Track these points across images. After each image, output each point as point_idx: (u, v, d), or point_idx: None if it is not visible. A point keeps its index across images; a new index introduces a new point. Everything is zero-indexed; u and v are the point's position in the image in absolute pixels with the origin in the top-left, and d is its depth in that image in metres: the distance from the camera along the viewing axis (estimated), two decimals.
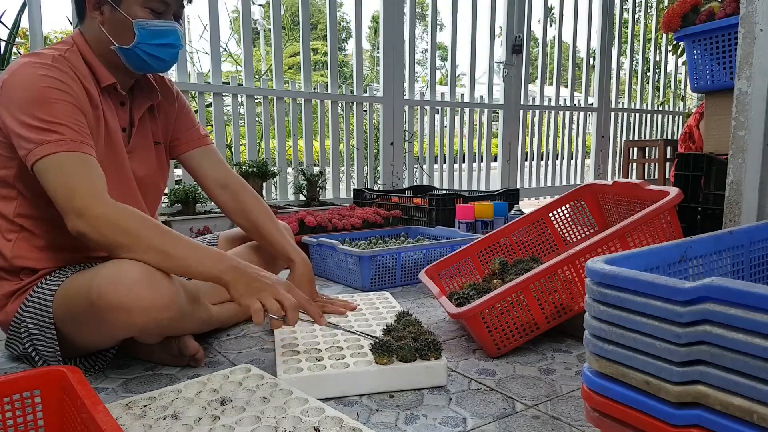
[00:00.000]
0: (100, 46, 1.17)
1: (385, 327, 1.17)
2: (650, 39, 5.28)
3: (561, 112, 4.67)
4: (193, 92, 2.84)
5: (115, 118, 1.21)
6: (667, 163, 4.30)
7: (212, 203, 2.85)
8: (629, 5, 5.10)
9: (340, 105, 3.41)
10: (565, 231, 1.68)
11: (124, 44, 1.15)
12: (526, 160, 4.55)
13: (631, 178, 4.77)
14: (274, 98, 3.10)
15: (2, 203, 1.14)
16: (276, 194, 3.14)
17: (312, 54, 3.26)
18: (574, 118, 4.84)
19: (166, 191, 2.27)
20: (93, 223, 1.01)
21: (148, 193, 1.32)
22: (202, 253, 1.07)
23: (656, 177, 4.62)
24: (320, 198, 3.09)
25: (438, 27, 3.89)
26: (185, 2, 1.22)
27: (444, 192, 3.15)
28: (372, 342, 1.06)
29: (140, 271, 1.02)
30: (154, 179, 1.33)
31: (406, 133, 3.66)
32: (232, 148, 3.44)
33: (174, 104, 1.38)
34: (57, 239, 1.16)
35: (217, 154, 1.44)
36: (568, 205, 1.68)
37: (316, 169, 3.17)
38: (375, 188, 3.48)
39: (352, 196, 3.25)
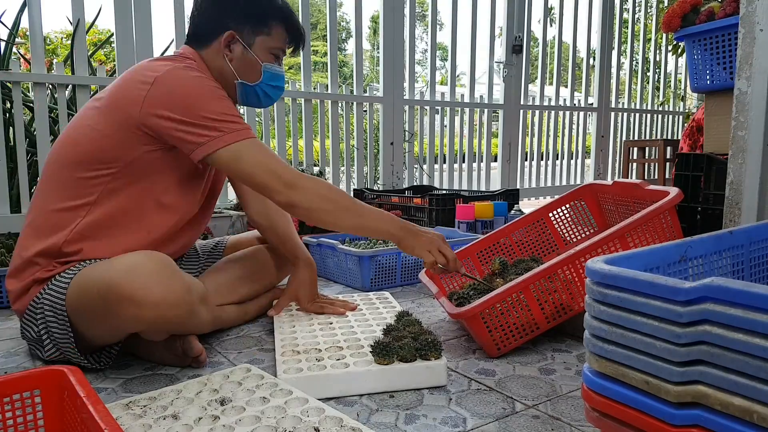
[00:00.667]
0: (219, 76, 1.28)
1: (385, 327, 1.17)
2: (650, 39, 5.28)
3: (561, 112, 4.67)
4: None
5: None
6: (667, 163, 4.30)
7: None
8: (629, 5, 5.10)
9: (340, 105, 3.41)
10: (565, 231, 1.68)
11: (249, 81, 1.30)
12: (526, 160, 4.54)
13: (631, 178, 4.77)
14: None
15: (88, 183, 1.15)
16: None
17: (312, 54, 3.26)
18: (574, 118, 4.84)
19: None
20: (304, 193, 1.16)
21: (207, 211, 1.40)
22: (380, 214, 1.26)
23: (656, 177, 4.62)
24: None
25: (438, 27, 3.89)
26: (291, 53, 1.39)
27: (444, 192, 3.15)
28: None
29: (154, 267, 1.04)
30: (215, 200, 1.44)
31: (406, 133, 3.66)
32: None
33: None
34: (116, 232, 1.18)
35: None
36: (568, 205, 1.68)
37: (316, 169, 3.17)
38: (375, 188, 3.48)
39: (352, 196, 3.25)
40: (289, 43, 1.34)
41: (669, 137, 5.50)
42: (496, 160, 4.38)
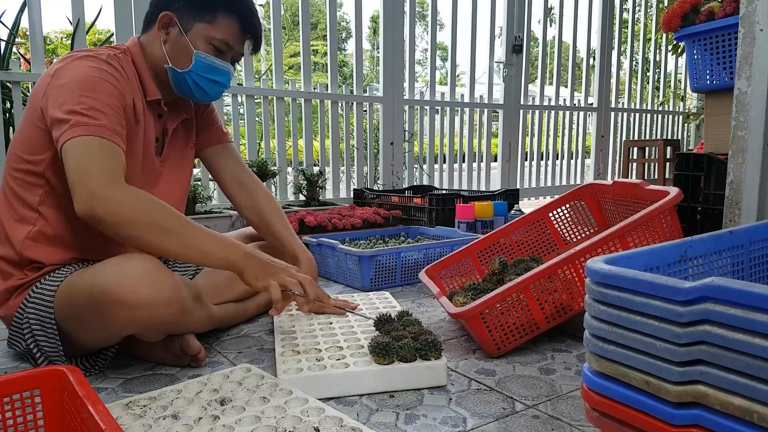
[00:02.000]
0: (154, 59, 1.22)
1: (378, 316, 1.19)
2: (650, 39, 5.28)
3: (561, 112, 4.67)
4: None
5: (152, 129, 1.25)
6: (667, 163, 4.30)
7: (212, 204, 2.86)
8: (629, 5, 5.10)
9: (340, 105, 3.41)
10: (565, 231, 1.68)
11: (178, 68, 1.21)
12: (526, 160, 4.54)
13: (631, 178, 4.77)
14: (274, 98, 3.10)
15: (28, 191, 1.14)
16: (276, 194, 3.14)
17: (312, 54, 3.26)
18: (574, 118, 4.85)
19: None
20: (110, 205, 0.99)
21: (173, 201, 1.33)
22: (215, 240, 1.08)
23: (656, 177, 4.62)
24: (320, 198, 3.09)
25: (438, 27, 3.89)
26: (246, 53, 1.29)
27: (444, 192, 3.15)
28: (373, 333, 1.08)
29: (143, 268, 1.03)
30: (181, 187, 1.36)
31: (406, 133, 3.66)
32: None
33: (211, 123, 1.45)
34: (71, 236, 1.17)
35: (236, 152, 1.50)
36: (568, 205, 1.68)
37: (316, 169, 3.17)
38: (375, 188, 3.48)
39: (352, 196, 3.25)
40: (239, 39, 1.24)
41: (669, 137, 5.51)
42: (496, 160, 4.39)
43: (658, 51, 5.35)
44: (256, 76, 3.08)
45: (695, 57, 1.87)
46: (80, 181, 1.00)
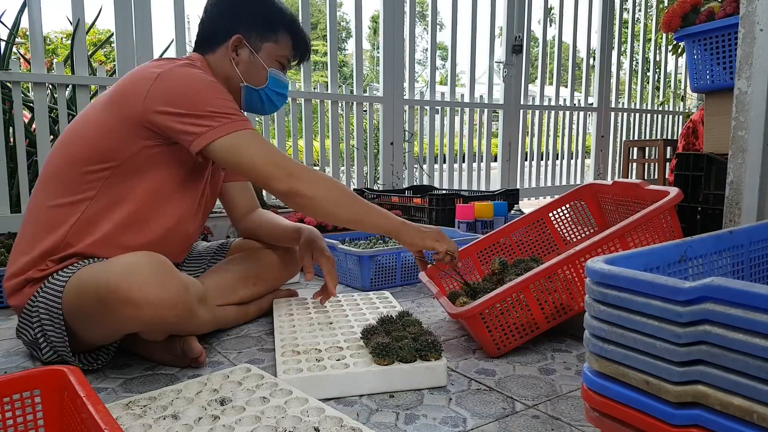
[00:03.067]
0: (225, 80, 1.30)
1: (379, 317, 1.19)
2: (650, 39, 5.28)
3: (561, 112, 4.67)
4: None
5: None
6: (667, 163, 4.30)
7: None
8: (629, 5, 5.10)
9: (340, 105, 3.41)
10: (565, 231, 1.68)
11: (254, 85, 1.32)
12: (526, 160, 4.54)
13: (631, 178, 4.77)
14: None
15: (88, 178, 1.15)
16: None
17: (312, 53, 3.26)
18: (574, 118, 4.84)
19: None
20: (308, 182, 1.16)
21: (202, 211, 1.39)
22: (379, 212, 1.27)
23: (656, 177, 4.62)
24: None
25: (438, 27, 3.89)
26: (295, 65, 1.43)
27: (444, 192, 3.15)
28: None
29: (151, 267, 1.04)
30: (213, 200, 1.44)
31: (406, 133, 3.66)
32: None
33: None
34: (112, 233, 1.18)
35: (251, 188, 1.60)
36: (568, 205, 1.68)
37: (315, 169, 3.17)
38: (375, 188, 3.48)
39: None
40: (295, 54, 1.38)
41: (669, 137, 5.50)
42: (496, 160, 4.38)
43: (658, 51, 5.35)
44: None
45: (695, 57, 1.87)
46: (273, 166, 1.16)
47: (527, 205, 3.99)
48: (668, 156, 4.30)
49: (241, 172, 1.19)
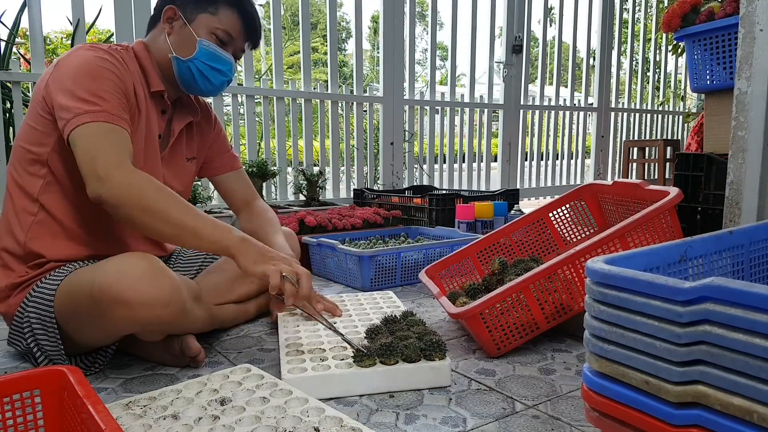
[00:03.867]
0: (159, 54, 1.26)
1: (383, 317, 1.19)
2: (650, 39, 5.28)
3: (561, 112, 4.67)
4: None
5: (155, 123, 1.27)
6: (667, 163, 4.30)
7: (211, 204, 2.86)
8: (629, 5, 5.10)
9: (340, 105, 3.41)
10: (565, 231, 1.68)
11: (182, 56, 1.24)
12: (526, 160, 4.54)
13: (631, 178, 4.77)
14: (274, 98, 3.10)
15: (29, 181, 1.16)
16: (276, 194, 3.14)
17: (312, 53, 3.26)
18: (574, 118, 4.84)
19: None
20: (113, 188, 1.02)
21: None
22: (213, 225, 1.09)
23: (656, 177, 4.62)
24: (320, 198, 3.09)
25: (438, 27, 3.89)
26: (247, 48, 1.34)
27: (444, 192, 3.15)
28: (353, 349, 1.05)
29: (143, 267, 1.03)
30: (178, 190, 1.37)
31: (406, 133, 3.66)
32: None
33: (212, 128, 1.49)
34: (74, 228, 1.18)
35: (245, 176, 1.58)
36: (568, 205, 1.68)
37: (316, 169, 3.17)
38: (375, 188, 3.48)
39: (352, 196, 3.25)
40: (241, 32, 1.28)
41: (669, 137, 5.50)
42: (496, 160, 4.38)
43: (658, 51, 5.35)
44: (256, 76, 3.08)
45: (695, 57, 1.87)
46: (89, 167, 1.03)
47: (527, 205, 3.99)
48: (668, 156, 4.30)
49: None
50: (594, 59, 4.84)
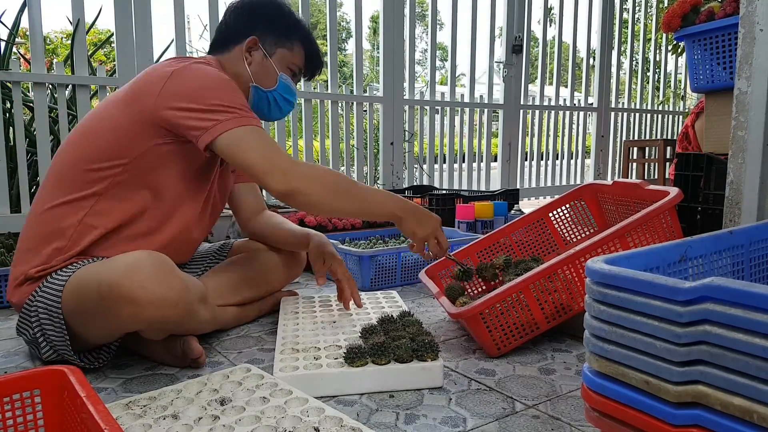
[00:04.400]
0: (236, 78, 1.30)
1: (381, 316, 1.19)
2: (650, 39, 5.28)
3: (561, 112, 4.67)
4: None
5: None
6: (667, 163, 4.30)
7: None
8: (629, 5, 5.09)
9: (340, 105, 3.41)
10: (565, 231, 1.68)
11: (264, 87, 1.34)
12: (526, 160, 4.54)
13: (631, 178, 4.77)
14: None
15: (97, 181, 1.16)
16: None
17: None
18: (574, 118, 4.84)
19: None
20: (302, 179, 1.13)
21: (208, 213, 1.38)
22: (381, 195, 1.26)
23: (656, 177, 4.62)
24: None
25: (438, 27, 3.89)
26: (303, 78, 1.45)
27: (444, 192, 3.15)
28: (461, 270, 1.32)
29: (153, 266, 1.04)
30: (220, 200, 1.43)
31: (406, 133, 3.66)
32: None
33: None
34: (118, 233, 1.19)
35: (257, 189, 1.60)
36: (568, 205, 1.68)
37: None
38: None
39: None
40: (307, 67, 1.40)
41: (669, 137, 5.50)
42: (496, 160, 4.38)
43: (658, 51, 5.35)
44: None
45: (695, 57, 1.87)
46: (269, 164, 1.13)
47: (527, 205, 3.99)
48: (668, 156, 4.30)
49: (241, 169, 1.17)
50: (594, 59, 4.84)
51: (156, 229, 1.23)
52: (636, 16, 5.16)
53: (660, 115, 5.46)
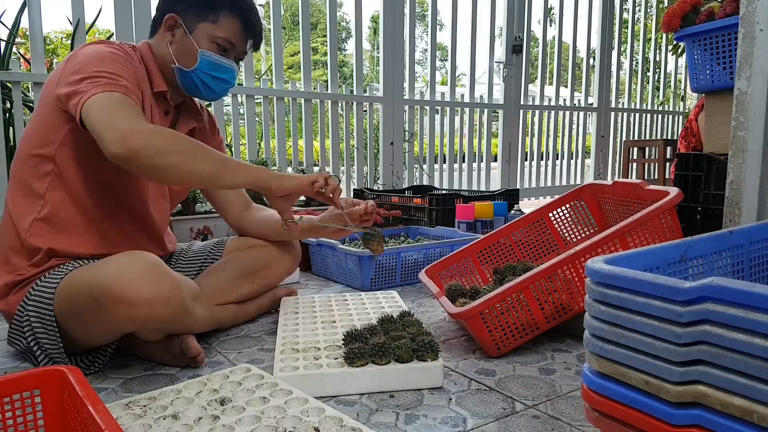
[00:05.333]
0: (162, 61, 1.27)
1: (381, 316, 1.19)
2: (650, 39, 5.28)
3: (561, 112, 4.67)
4: None
5: (159, 123, 1.27)
6: (667, 163, 4.30)
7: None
8: (629, 5, 5.10)
9: (340, 105, 3.41)
10: (565, 231, 1.68)
11: (184, 66, 1.25)
12: (526, 160, 4.54)
13: (631, 178, 4.77)
14: (274, 98, 3.10)
15: (36, 179, 1.17)
16: None
17: (312, 53, 3.26)
18: (574, 118, 4.84)
19: None
20: (141, 137, 1.00)
21: (158, 202, 1.36)
22: (236, 162, 1.14)
23: (656, 177, 4.62)
24: None
25: (438, 27, 3.89)
26: (248, 50, 1.33)
27: (444, 192, 3.15)
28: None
29: (143, 266, 1.04)
30: (172, 193, 1.40)
31: (406, 133, 3.66)
32: (232, 148, 3.44)
33: (215, 137, 1.49)
34: (78, 223, 1.19)
35: (241, 188, 1.53)
36: (568, 205, 1.68)
37: (316, 169, 3.17)
38: (375, 188, 3.48)
39: (352, 196, 3.25)
40: (243, 37, 1.28)
41: (669, 137, 5.50)
42: (496, 160, 4.38)
43: (658, 51, 5.35)
44: (256, 76, 3.08)
45: (695, 57, 1.87)
46: (110, 124, 1.00)
47: (527, 205, 3.99)
48: (668, 156, 4.30)
49: (94, 138, 1.05)
50: (594, 59, 4.84)
51: (108, 216, 1.22)
52: (636, 16, 5.17)
53: (660, 115, 5.46)
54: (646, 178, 4.79)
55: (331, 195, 1.21)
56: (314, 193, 1.20)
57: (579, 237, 1.68)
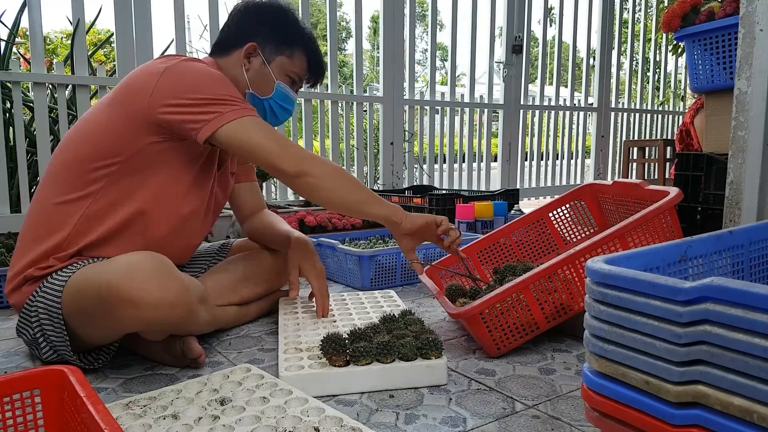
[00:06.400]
0: (234, 83, 1.28)
1: (382, 315, 1.19)
2: (650, 39, 5.28)
3: (561, 112, 4.67)
4: None
5: None
6: (667, 163, 4.30)
7: None
8: (629, 5, 5.10)
9: (340, 105, 3.41)
10: (565, 231, 1.68)
11: (259, 94, 1.33)
12: (526, 160, 4.55)
13: (631, 178, 4.77)
14: None
15: (93, 182, 1.16)
16: (276, 194, 3.14)
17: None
18: (574, 118, 4.85)
19: None
20: (314, 163, 1.17)
21: (211, 212, 1.39)
22: (376, 195, 1.27)
23: (656, 177, 4.62)
24: None
25: (438, 27, 3.89)
26: (306, 85, 1.43)
27: (444, 192, 3.15)
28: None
29: (152, 267, 1.04)
30: (221, 203, 1.44)
31: (406, 133, 3.66)
32: None
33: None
34: (116, 230, 1.19)
35: (257, 189, 1.61)
36: (568, 205, 1.68)
37: None
38: (375, 188, 3.48)
39: None
40: (309, 75, 1.39)
41: (669, 137, 5.50)
42: (496, 160, 4.39)
43: (658, 51, 5.35)
44: None
45: (695, 57, 1.87)
46: (282, 145, 1.16)
47: (527, 205, 3.99)
48: (668, 156, 4.30)
49: (248, 155, 1.17)
50: (594, 59, 4.84)
51: (154, 229, 1.22)
52: (636, 16, 5.17)
53: (660, 115, 5.46)
54: (646, 178, 4.79)
55: (449, 245, 1.33)
56: (437, 237, 1.31)
57: (579, 237, 1.68)
